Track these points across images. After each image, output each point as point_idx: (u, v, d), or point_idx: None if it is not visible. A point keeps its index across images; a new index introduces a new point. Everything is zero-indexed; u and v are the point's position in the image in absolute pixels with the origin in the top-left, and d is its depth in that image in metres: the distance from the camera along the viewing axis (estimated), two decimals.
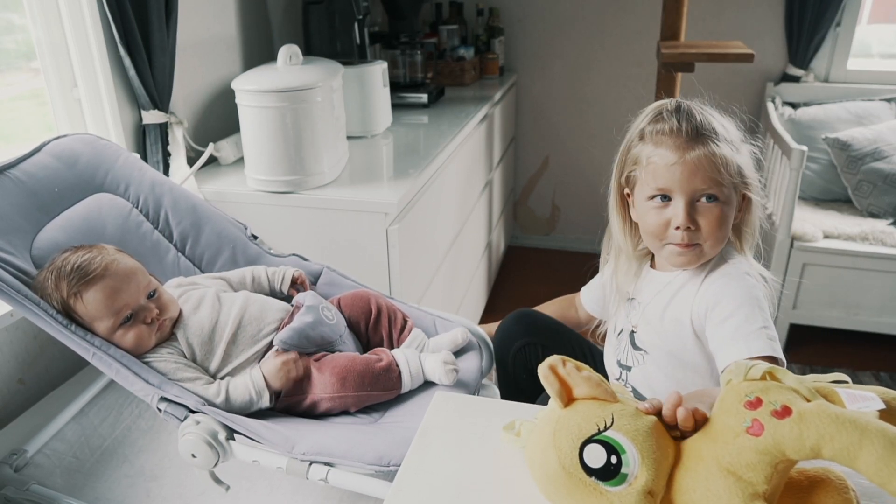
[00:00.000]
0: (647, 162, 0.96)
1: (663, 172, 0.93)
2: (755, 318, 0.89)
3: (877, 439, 0.47)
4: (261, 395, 0.99)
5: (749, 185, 0.96)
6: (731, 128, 0.97)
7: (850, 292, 2.22)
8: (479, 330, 1.21)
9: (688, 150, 0.92)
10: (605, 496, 0.55)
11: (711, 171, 0.91)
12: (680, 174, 0.92)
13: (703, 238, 0.94)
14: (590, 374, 0.61)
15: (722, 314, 0.92)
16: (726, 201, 0.94)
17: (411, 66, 2.30)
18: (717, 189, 0.92)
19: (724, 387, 0.58)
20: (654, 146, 0.95)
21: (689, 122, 0.93)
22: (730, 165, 0.92)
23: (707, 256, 0.97)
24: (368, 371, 1.03)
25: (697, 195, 0.93)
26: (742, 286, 0.93)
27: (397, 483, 0.68)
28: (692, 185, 0.92)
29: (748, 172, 0.96)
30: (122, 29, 1.37)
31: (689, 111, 0.95)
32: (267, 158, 1.47)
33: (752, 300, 0.92)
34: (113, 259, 1.01)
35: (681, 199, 0.93)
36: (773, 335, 0.88)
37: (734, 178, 0.93)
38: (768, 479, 0.51)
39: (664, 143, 0.94)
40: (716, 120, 0.95)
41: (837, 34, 2.57)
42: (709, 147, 0.92)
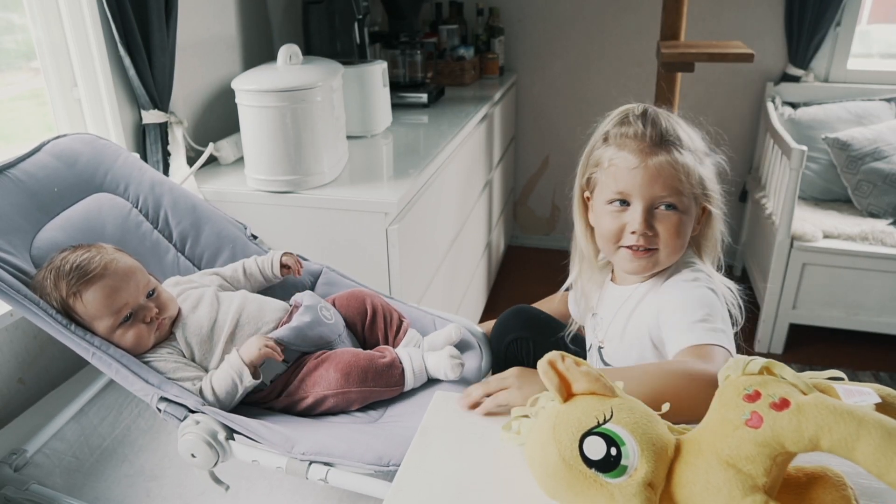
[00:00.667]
0: (609, 164, 0.95)
1: (624, 176, 0.92)
2: (695, 311, 0.87)
3: (874, 430, 0.47)
4: (241, 374, 0.97)
5: (710, 197, 0.95)
6: (697, 138, 0.96)
7: (849, 292, 2.22)
8: (478, 329, 1.21)
9: (650, 155, 0.91)
10: (606, 488, 0.55)
11: (672, 178, 0.90)
12: (640, 179, 0.91)
13: (660, 244, 0.93)
14: (588, 370, 0.61)
15: (667, 316, 0.91)
16: (685, 211, 0.92)
17: (411, 66, 2.30)
18: (676, 197, 0.91)
19: (722, 382, 0.58)
20: (616, 149, 0.94)
21: (654, 127, 0.92)
22: (691, 175, 0.91)
23: (662, 265, 0.96)
24: (372, 367, 1.03)
25: (656, 202, 0.92)
26: (689, 288, 0.93)
27: (397, 483, 0.68)
28: (652, 191, 0.91)
29: (710, 185, 0.94)
30: (122, 29, 1.37)
31: (654, 117, 0.94)
32: (267, 158, 1.47)
33: (696, 298, 0.90)
34: (112, 258, 1.01)
35: (639, 203, 0.92)
36: (720, 328, 0.85)
37: (695, 189, 0.92)
38: (767, 472, 0.52)
39: (627, 147, 0.92)
40: (681, 128, 0.94)
41: (837, 34, 2.57)
42: (671, 154, 0.90)
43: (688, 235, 0.95)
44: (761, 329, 2.34)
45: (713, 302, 0.90)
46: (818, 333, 2.38)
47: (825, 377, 0.57)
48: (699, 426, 0.59)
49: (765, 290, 2.31)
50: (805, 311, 2.29)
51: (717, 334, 0.84)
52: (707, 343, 0.83)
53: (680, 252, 0.95)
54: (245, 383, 0.98)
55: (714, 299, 0.90)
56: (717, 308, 0.89)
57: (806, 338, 2.39)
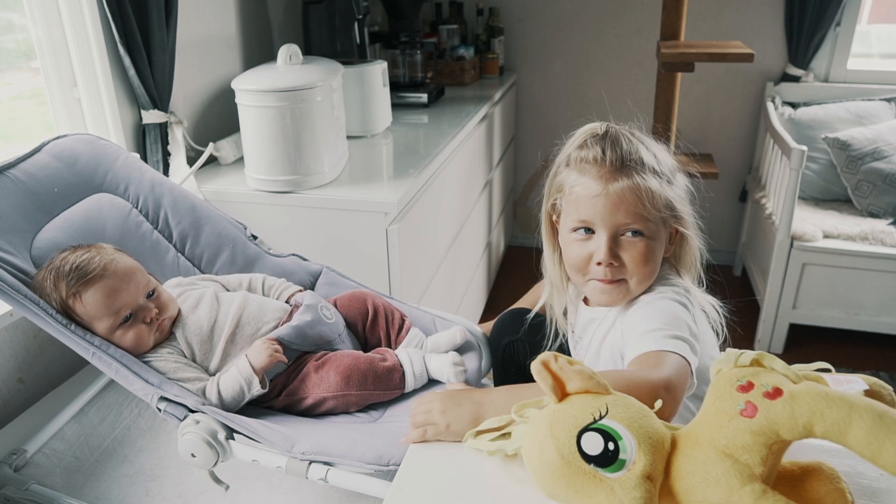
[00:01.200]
0: (570, 191, 0.90)
1: (585, 203, 0.88)
2: (654, 321, 0.84)
3: (866, 413, 0.48)
4: (250, 382, 0.97)
5: (680, 218, 0.91)
6: (664, 157, 0.91)
7: (849, 292, 2.22)
8: (478, 329, 1.21)
9: (611, 181, 0.86)
10: (605, 483, 0.56)
11: (635, 204, 0.86)
12: (602, 207, 0.86)
13: (628, 274, 0.89)
14: (582, 368, 0.62)
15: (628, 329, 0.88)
16: (652, 236, 0.88)
17: (411, 66, 2.30)
18: (641, 224, 0.87)
19: (714, 376, 0.59)
20: (578, 174, 0.89)
21: (615, 150, 0.87)
22: (656, 199, 0.86)
23: (633, 293, 0.91)
24: (372, 370, 1.03)
25: (621, 229, 0.88)
26: (652, 301, 0.89)
27: (397, 483, 0.68)
28: (615, 219, 0.87)
29: (679, 206, 0.90)
30: (122, 28, 1.37)
31: (615, 139, 0.88)
32: (267, 158, 1.47)
33: (657, 309, 0.87)
34: (112, 259, 1.01)
35: (603, 233, 0.88)
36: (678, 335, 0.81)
37: (661, 213, 0.87)
38: (764, 461, 0.53)
39: (588, 172, 0.88)
40: (645, 148, 0.89)
41: (837, 34, 2.57)
42: (633, 179, 0.86)
43: (657, 261, 0.91)
44: (761, 329, 2.34)
45: (675, 312, 0.86)
46: (818, 333, 2.39)
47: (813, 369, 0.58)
48: (695, 419, 0.60)
49: (765, 289, 2.31)
50: (805, 311, 2.29)
51: (672, 341, 0.80)
52: (659, 349, 0.80)
53: (650, 279, 0.91)
54: (253, 391, 0.98)
55: (677, 309, 0.87)
56: (678, 318, 0.85)
57: (806, 338, 2.39)
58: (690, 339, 0.83)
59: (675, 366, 0.77)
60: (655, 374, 0.74)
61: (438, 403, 0.77)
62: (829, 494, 0.57)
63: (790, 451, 0.57)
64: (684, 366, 0.79)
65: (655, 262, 0.90)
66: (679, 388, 0.75)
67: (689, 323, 0.86)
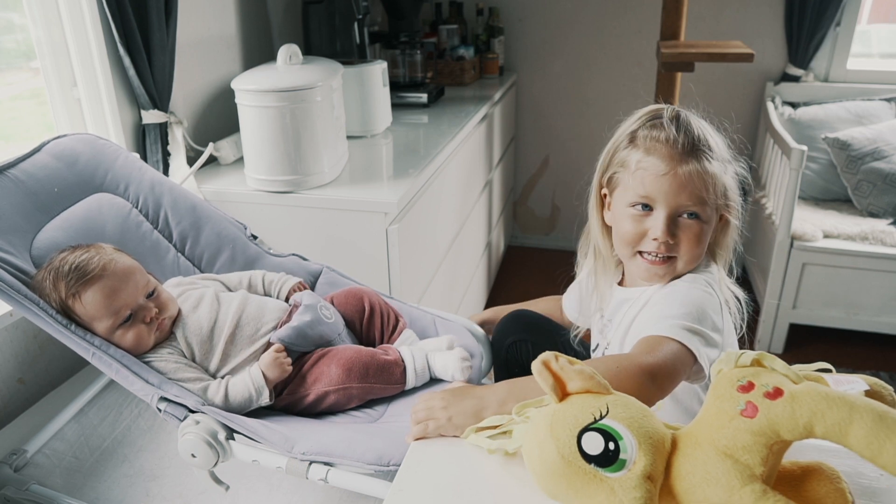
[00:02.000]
0: (636, 167, 0.92)
1: (651, 181, 0.90)
2: (674, 308, 0.86)
3: (866, 413, 0.48)
4: (260, 392, 0.99)
5: (731, 207, 0.94)
6: (723, 145, 0.94)
7: (849, 292, 2.22)
8: (478, 330, 1.21)
9: (681, 163, 0.88)
10: (606, 483, 0.56)
11: (700, 188, 0.89)
12: (668, 186, 0.89)
13: (679, 253, 0.92)
14: (582, 368, 0.62)
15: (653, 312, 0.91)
16: (707, 220, 0.92)
17: (411, 66, 2.30)
18: (700, 207, 0.90)
19: (714, 376, 0.59)
20: (645, 152, 0.91)
21: (687, 134, 0.90)
22: (718, 185, 0.90)
23: (678, 273, 0.95)
24: (374, 363, 1.03)
25: (681, 210, 0.90)
26: (681, 288, 0.92)
27: (397, 483, 0.68)
28: (678, 200, 0.89)
29: (732, 194, 0.93)
30: (122, 28, 1.37)
31: (687, 122, 0.91)
32: (267, 158, 1.47)
33: (682, 296, 0.89)
34: (111, 258, 1.01)
35: (663, 210, 0.90)
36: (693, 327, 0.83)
37: (718, 199, 0.91)
38: (764, 461, 0.53)
39: (657, 152, 0.90)
40: (710, 135, 0.92)
41: (837, 34, 2.57)
42: (702, 163, 0.89)
43: (706, 245, 0.93)
44: (761, 329, 2.34)
45: (703, 303, 0.88)
46: (818, 333, 2.39)
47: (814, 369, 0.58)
48: (695, 419, 0.60)
49: (765, 289, 2.31)
50: (805, 311, 2.29)
51: (681, 332, 0.81)
52: (664, 335, 0.81)
53: (697, 260, 0.94)
54: (262, 401, 0.99)
55: (703, 300, 0.89)
56: (704, 309, 0.87)
57: (806, 338, 2.39)
58: (708, 332, 0.84)
59: (668, 354, 0.78)
60: (645, 359, 0.76)
61: (440, 399, 0.78)
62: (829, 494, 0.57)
63: (790, 451, 0.57)
64: (682, 356, 0.80)
65: (704, 245, 0.93)
66: (666, 377, 0.76)
67: (714, 316, 0.87)
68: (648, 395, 0.73)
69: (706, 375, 0.83)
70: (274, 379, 1.00)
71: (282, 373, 1.01)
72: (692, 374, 0.84)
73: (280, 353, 1.02)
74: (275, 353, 1.01)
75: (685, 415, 0.96)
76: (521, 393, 0.76)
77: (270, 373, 1.00)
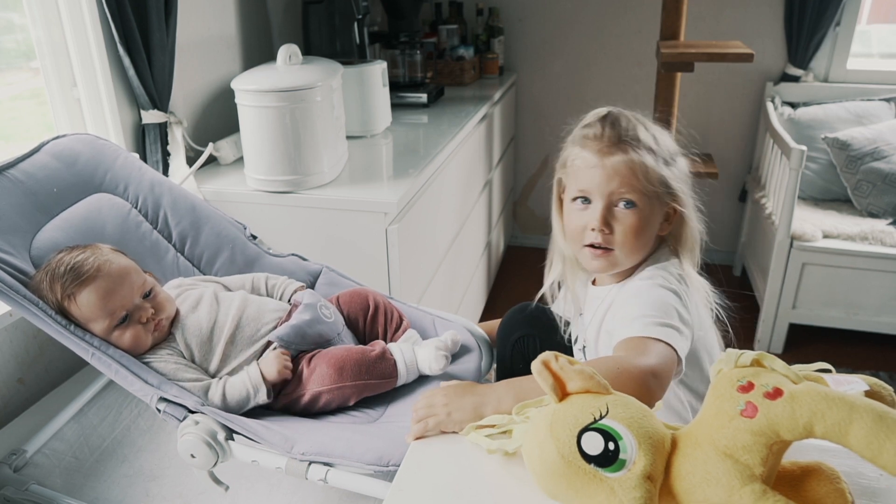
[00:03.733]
0: (571, 164, 0.98)
1: (584, 174, 0.95)
2: (642, 307, 0.88)
3: (866, 413, 0.48)
4: (258, 390, 0.99)
5: (677, 198, 0.96)
6: (665, 140, 0.97)
7: (849, 292, 2.22)
8: (478, 329, 1.21)
9: (607, 154, 0.93)
10: (606, 483, 0.56)
11: (629, 177, 0.92)
12: (598, 177, 0.94)
13: (617, 244, 0.95)
14: (582, 368, 0.62)
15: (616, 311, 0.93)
16: (645, 210, 0.94)
17: (411, 66, 2.30)
18: (634, 195, 0.93)
19: (714, 376, 0.59)
20: (580, 149, 0.97)
21: (613, 128, 0.95)
22: (650, 173, 0.93)
23: (621, 264, 0.97)
24: (364, 359, 1.03)
25: (615, 199, 0.94)
26: (643, 286, 0.94)
27: (397, 483, 0.68)
28: (609, 188, 0.93)
29: (675, 185, 0.95)
30: (122, 28, 1.37)
31: (615, 119, 0.97)
32: (266, 158, 1.47)
33: (646, 294, 0.91)
34: (106, 259, 1.01)
35: (599, 201, 0.94)
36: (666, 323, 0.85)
37: (655, 187, 0.93)
38: (764, 461, 0.53)
39: (588, 147, 0.96)
40: (643, 130, 0.96)
41: (837, 34, 2.57)
42: (628, 154, 0.93)
43: (649, 236, 0.96)
44: (761, 329, 2.34)
45: (665, 299, 0.90)
46: (818, 333, 2.38)
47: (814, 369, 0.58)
48: (695, 419, 0.60)
49: (764, 289, 2.31)
50: (805, 311, 2.29)
51: (660, 329, 0.84)
52: (646, 336, 0.83)
53: (639, 252, 0.97)
54: (259, 399, 0.99)
55: (667, 297, 0.91)
56: (668, 305, 0.89)
57: (806, 338, 2.39)
58: (679, 325, 0.86)
59: (661, 353, 0.81)
60: (643, 361, 0.78)
61: (441, 396, 0.80)
62: (829, 494, 0.57)
63: (790, 451, 0.57)
64: (670, 353, 0.82)
65: (646, 236, 0.96)
66: (665, 376, 0.78)
67: (680, 309, 0.89)
68: (652, 396, 0.74)
69: (682, 370, 0.85)
70: (271, 377, 1.00)
71: (280, 372, 1.00)
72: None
73: (281, 356, 1.02)
74: (274, 354, 1.02)
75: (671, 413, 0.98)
76: (522, 392, 0.77)
77: (267, 369, 1.00)
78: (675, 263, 0.98)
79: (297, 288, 1.20)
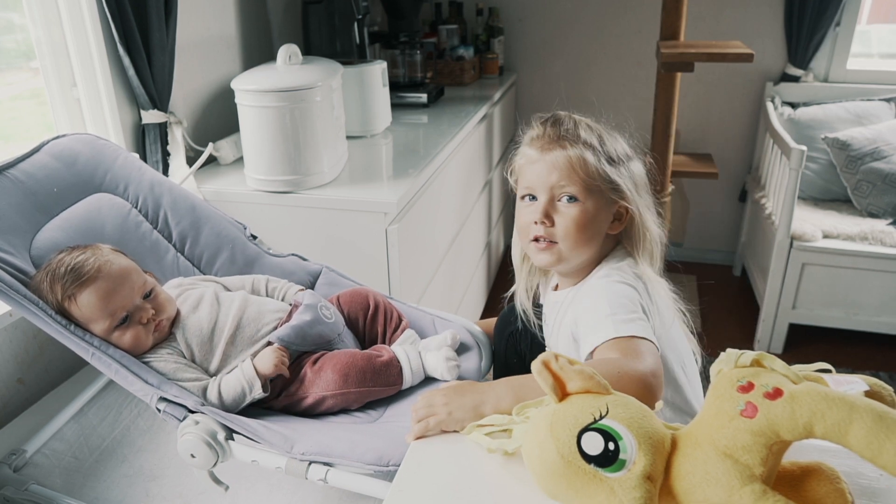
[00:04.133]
0: (517, 163, 1.02)
1: (527, 171, 0.98)
2: (603, 307, 0.89)
3: (866, 414, 0.48)
4: (252, 385, 0.98)
5: (625, 196, 0.97)
6: (613, 142, 0.99)
7: (849, 292, 2.22)
8: (477, 329, 1.21)
9: (548, 150, 0.96)
10: (606, 483, 0.56)
11: (567, 170, 0.95)
12: (539, 171, 0.96)
13: (559, 237, 0.96)
14: (582, 368, 0.62)
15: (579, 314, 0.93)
16: (587, 204, 0.95)
17: (411, 66, 2.30)
18: (574, 189, 0.94)
19: (714, 376, 0.59)
20: (525, 147, 1.01)
21: (554, 127, 0.98)
22: (588, 168, 0.94)
23: (568, 259, 0.98)
24: (370, 367, 1.03)
25: (557, 194, 0.96)
26: (601, 286, 0.94)
27: (397, 483, 0.68)
28: (549, 181, 0.95)
29: (622, 183, 0.96)
30: (122, 28, 1.36)
31: (557, 119, 1.00)
32: (266, 158, 1.47)
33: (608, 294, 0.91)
34: (106, 260, 1.01)
35: (542, 195, 0.96)
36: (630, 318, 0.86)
37: (596, 182, 0.95)
38: (764, 461, 0.53)
39: (532, 145, 0.99)
40: (588, 130, 0.98)
41: (837, 34, 2.57)
42: (567, 150, 0.95)
43: (594, 231, 0.96)
44: (761, 329, 2.34)
45: (624, 293, 0.91)
46: (818, 333, 2.39)
47: (814, 369, 0.58)
48: (695, 420, 0.60)
49: (764, 289, 2.31)
50: (804, 311, 2.29)
51: (632, 325, 0.85)
52: (625, 335, 0.84)
53: (585, 247, 0.97)
54: (254, 394, 0.99)
55: (626, 290, 0.92)
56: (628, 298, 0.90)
57: (805, 338, 2.39)
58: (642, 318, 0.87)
59: (651, 351, 0.82)
60: (640, 363, 0.78)
61: (441, 396, 0.80)
62: (829, 495, 0.57)
63: (790, 452, 0.57)
64: (653, 349, 0.83)
65: (591, 231, 0.96)
66: (661, 374, 0.80)
67: (641, 301, 0.91)
68: (654, 397, 0.75)
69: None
70: (266, 371, 0.99)
71: (276, 367, 1.00)
72: None
73: (278, 351, 1.02)
74: (271, 349, 1.01)
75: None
76: (521, 391, 0.78)
77: (262, 364, 0.99)
78: (630, 263, 0.98)
79: (298, 291, 1.20)
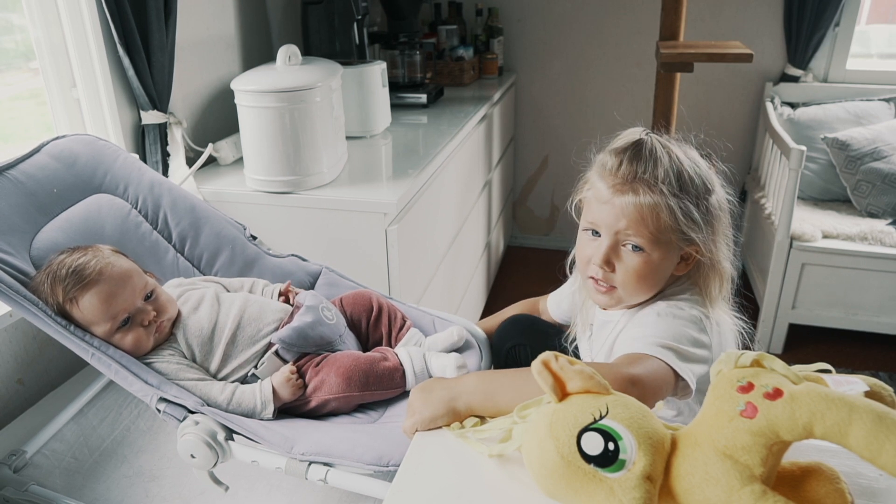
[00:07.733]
0: (587, 192, 0.95)
1: (596, 207, 0.91)
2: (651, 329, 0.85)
3: (865, 414, 0.48)
4: (265, 406, 0.99)
5: (696, 242, 0.89)
6: (694, 175, 0.89)
7: (848, 292, 2.22)
8: (477, 330, 1.21)
9: (619, 192, 0.88)
10: (605, 483, 0.56)
11: (637, 220, 0.87)
12: (607, 214, 0.89)
13: (619, 283, 0.91)
14: (582, 368, 0.62)
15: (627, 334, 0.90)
16: (653, 255, 0.89)
17: (410, 67, 2.30)
18: (641, 240, 0.88)
19: (714, 377, 0.59)
20: (598, 177, 0.92)
21: (631, 163, 0.88)
22: (661, 220, 0.86)
23: (627, 301, 0.94)
24: (373, 370, 1.03)
25: (622, 239, 0.89)
26: (659, 317, 0.89)
27: (397, 483, 0.68)
28: (616, 227, 0.89)
29: (694, 230, 0.88)
30: (121, 29, 1.36)
31: (637, 151, 0.88)
32: (266, 159, 1.47)
33: (659, 322, 0.87)
34: (108, 262, 1.00)
35: (606, 238, 0.90)
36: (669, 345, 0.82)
37: (665, 235, 0.87)
38: (764, 461, 0.53)
39: (604, 178, 0.91)
40: (669, 165, 0.87)
41: (836, 34, 2.57)
42: (639, 196, 0.87)
43: (656, 279, 0.91)
44: (761, 329, 2.34)
45: (673, 322, 0.87)
46: (817, 333, 2.39)
47: (814, 370, 0.58)
48: (695, 420, 0.60)
49: (764, 289, 2.31)
50: (804, 311, 2.29)
51: (659, 349, 0.81)
52: (644, 353, 0.81)
53: (643, 294, 0.92)
54: (264, 415, 0.99)
55: (674, 321, 0.87)
56: (675, 326, 0.86)
57: (805, 338, 2.39)
58: (687, 348, 0.83)
59: (650, 367, 0.79)
60: (625, 369, 0.77)
61: (414, 397, 0.81)
62: (828, 495, 0.57)
63: (790, 452, 0.57)
64: (664, 371, 0.80)
65: (649, 279, 0.91)
66: (648, 388, 0.76)
67: (691, 331, 0.86)
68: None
69: (692, 390, 0.83)
70: (285, 398, 1.01)
71: (292, 395, 1.01)
72: (679, 389, 0.84)
73: (293, 374, 1.02)
74: (288, 374, 1.01)
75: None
76: (490, 385, 0.78)
77: (283, 391, 1.00)
78: (692, 300, 0.92)
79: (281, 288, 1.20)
